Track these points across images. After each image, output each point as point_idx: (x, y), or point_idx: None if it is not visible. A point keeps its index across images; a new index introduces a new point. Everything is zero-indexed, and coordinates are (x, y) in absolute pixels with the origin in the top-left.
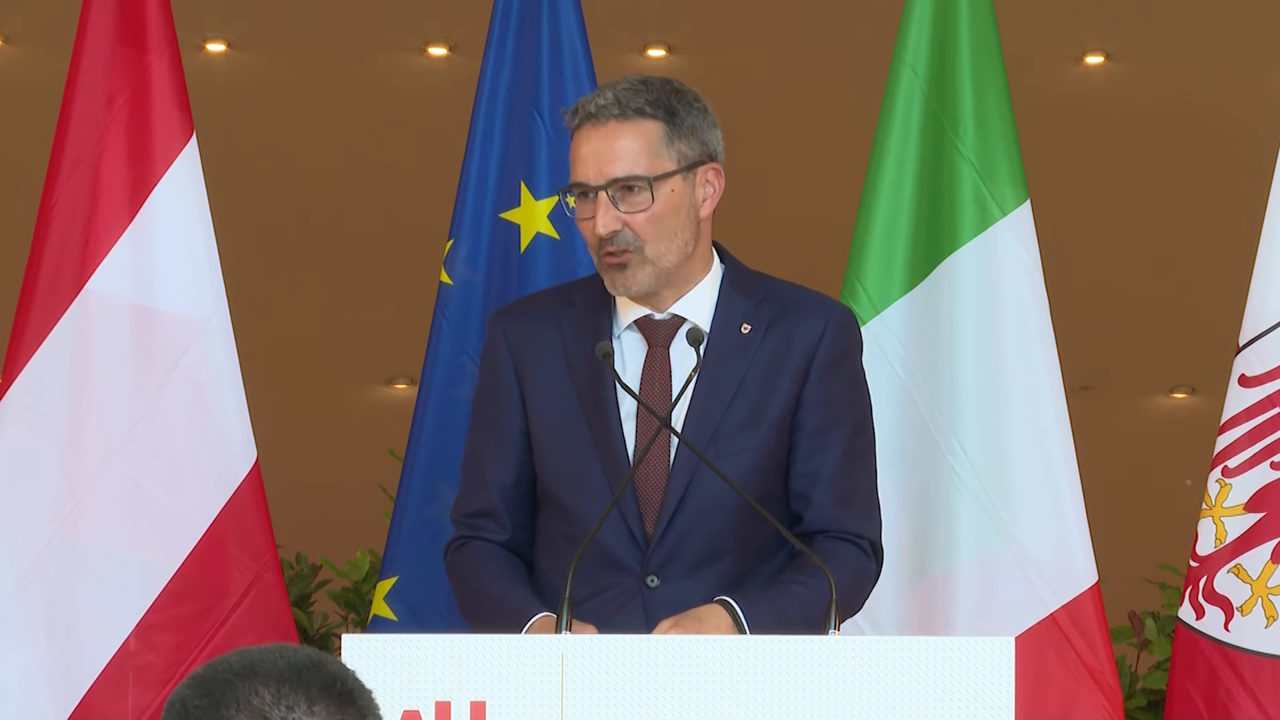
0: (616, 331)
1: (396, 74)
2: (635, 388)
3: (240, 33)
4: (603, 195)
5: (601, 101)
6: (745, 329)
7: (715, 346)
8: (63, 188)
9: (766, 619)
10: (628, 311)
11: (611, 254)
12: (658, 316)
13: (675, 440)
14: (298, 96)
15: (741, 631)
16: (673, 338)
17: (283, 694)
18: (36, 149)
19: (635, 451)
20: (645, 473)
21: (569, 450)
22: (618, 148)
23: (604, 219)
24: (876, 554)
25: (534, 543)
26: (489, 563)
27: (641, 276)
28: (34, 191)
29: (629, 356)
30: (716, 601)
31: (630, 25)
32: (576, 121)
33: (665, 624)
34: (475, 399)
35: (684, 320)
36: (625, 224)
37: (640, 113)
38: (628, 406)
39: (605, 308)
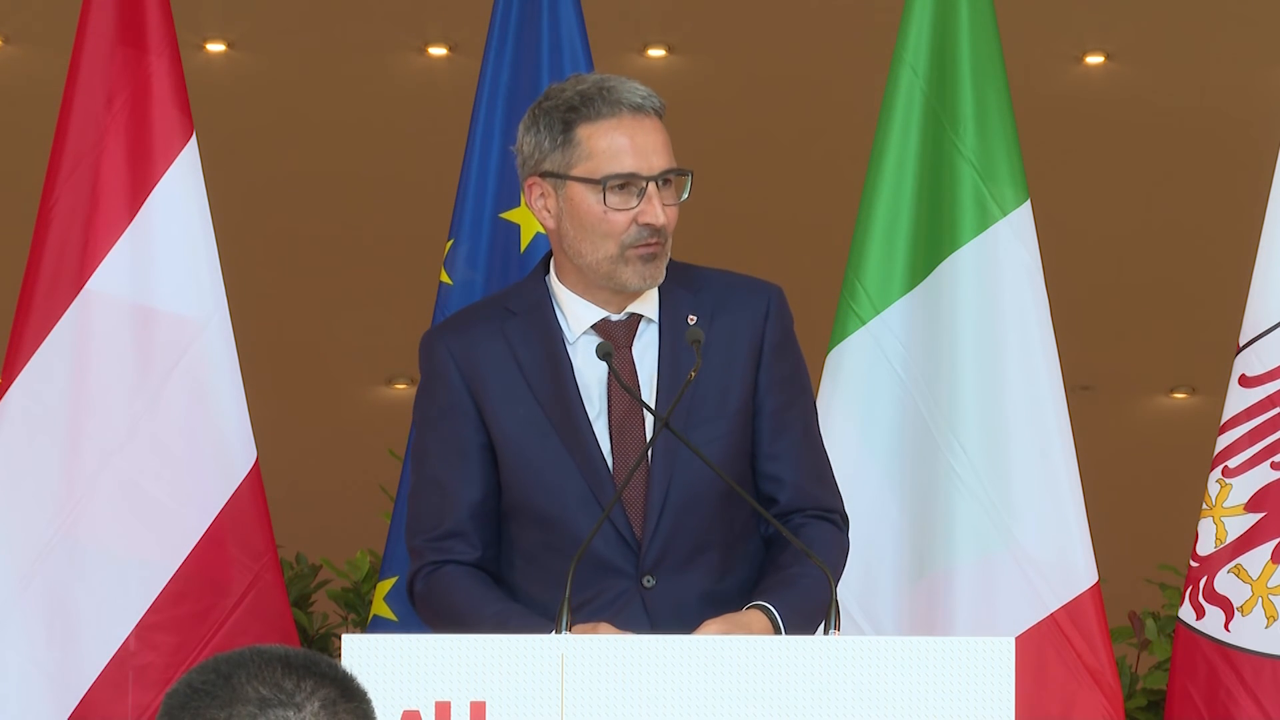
0: (571, 337)
1: (396, 74)
2: (603, 391)
3: (240, 33)
4: (653, 186)
5: (643, 93)
6: (692, 320)
7: (669, 341)
8: (63, 188)
9: (795, 617)
10: (580, 316)
11: (651, 245)
12: (615, 318)
13: (651, 440)
14: (298, 96)
15: (778, 632)
16: (632, 337)
17: (291, 670)
18: (36, 149)
19: (612, 454)
20: (622, 474)
21: (543, 461)
22: (663, 140)
23: (661, 210)
24: (847, 524)
25: (500, 559)
26: (473, 585)
27: (663, 268)
28: (34, 191)
29: (588, 361)
30: (754, 606)
31: (630, 25)
32: (611, 110)
33: (713, 626)
34: (423, 422)
35: (640, 317)
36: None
37: (661, 111)
38: (595, 408)
39: (549, 314)
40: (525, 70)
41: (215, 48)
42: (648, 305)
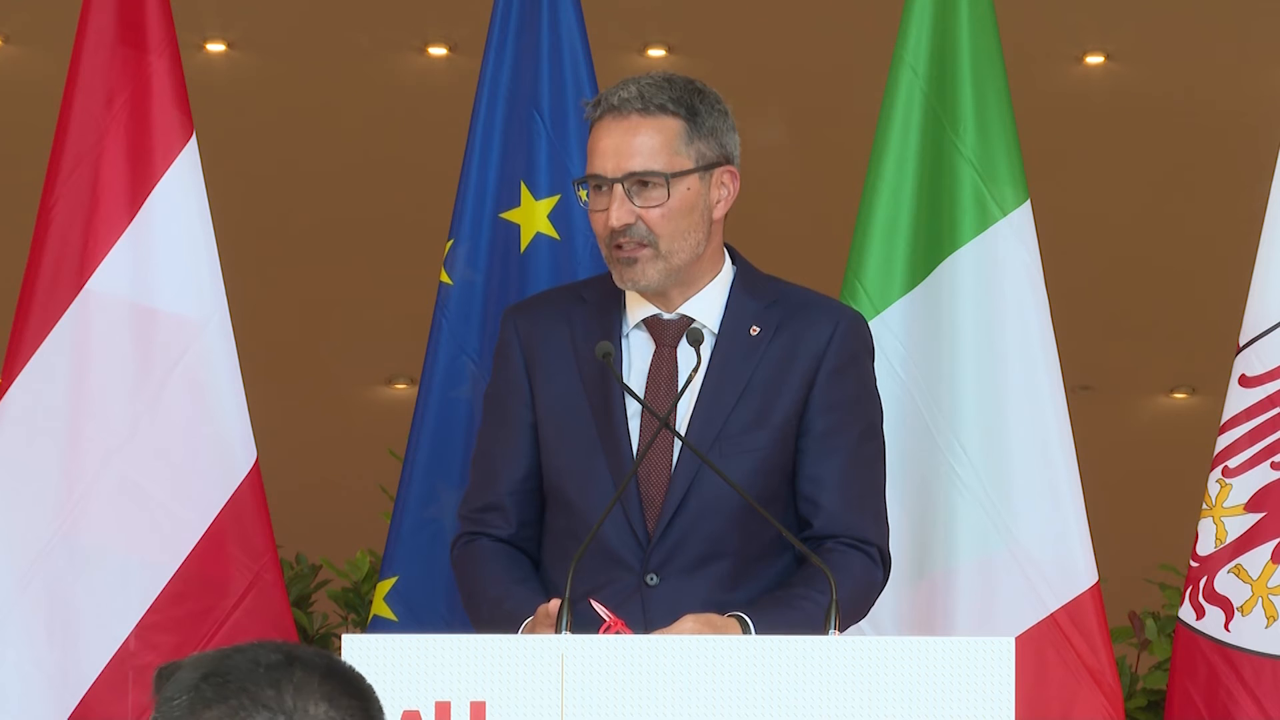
0: (625, 330)
1: (396, 74)
2: (641, 387)
3: (240, 33)
4: (618, 188)
5: (625, 95)
6: (754, 331)
7: (723, 347)
8: (63, 188)
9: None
10: (636, 310)
11: (621, 248)
12: (666, 316)
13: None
14: (298, 96)
15: None
16: (679, 338)
17: (305, 688)
18: (36, 149)
19: (638, 450)
20: (648, 471)
21: (575, 447)
22: (638, 142)
23: (617, 212)
24: (884, 561)
25: (541, 538)
26: (490, 562)
27: (652, 272)
28: (34, 191)
29: (636, 356)
30: (732, 615)
31: (630, 25)
32: (598, 113)
33: (688, 623)
34: (487, 394)
35: (692, 320)
36: (639, 218)
37: (663, 109)
38: (634, 405)
39: (615, 306)
40: (525, 70)
41: (215, 48)
42: (702, 308)
